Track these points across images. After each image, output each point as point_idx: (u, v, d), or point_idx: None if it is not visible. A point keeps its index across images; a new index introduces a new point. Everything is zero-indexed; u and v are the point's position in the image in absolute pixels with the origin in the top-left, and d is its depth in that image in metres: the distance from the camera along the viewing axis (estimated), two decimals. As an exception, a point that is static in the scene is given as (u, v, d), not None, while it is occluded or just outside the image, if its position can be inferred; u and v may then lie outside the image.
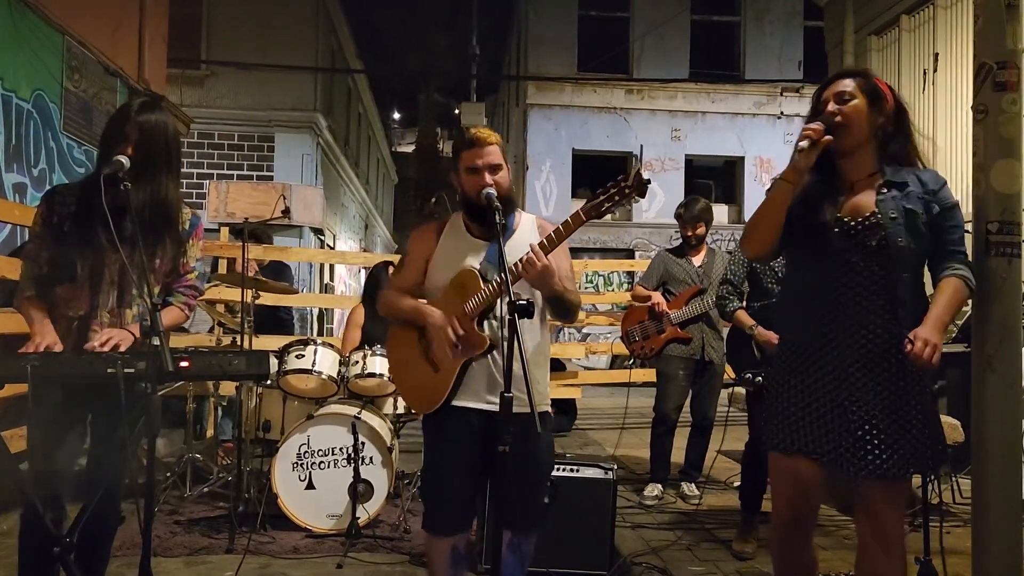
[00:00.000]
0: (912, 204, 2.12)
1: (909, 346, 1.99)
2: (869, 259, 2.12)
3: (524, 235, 2.46)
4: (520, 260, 2.23)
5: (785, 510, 2.26)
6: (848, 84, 2.17)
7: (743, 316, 3.74)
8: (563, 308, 2.42)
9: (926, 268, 2.22)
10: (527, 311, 2.07)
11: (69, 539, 2.13)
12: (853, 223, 2.14)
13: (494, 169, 2.37)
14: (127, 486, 2.53)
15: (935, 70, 6.69)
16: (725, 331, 4.42)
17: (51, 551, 2.08)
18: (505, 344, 2.12)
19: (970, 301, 2.39)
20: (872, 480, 2.08)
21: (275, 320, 6.22)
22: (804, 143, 2.08)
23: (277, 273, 6.02)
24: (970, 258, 2.24)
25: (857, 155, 2.17)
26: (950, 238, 2.15)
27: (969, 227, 2.46)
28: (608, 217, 2.31)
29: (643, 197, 2.30)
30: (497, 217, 2.25)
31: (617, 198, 2.22)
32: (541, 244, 2.26)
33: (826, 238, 2.14)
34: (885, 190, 2.14)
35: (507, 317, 2.06)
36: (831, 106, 2.15)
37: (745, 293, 3.87)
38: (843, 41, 7.93)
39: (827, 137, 2.10)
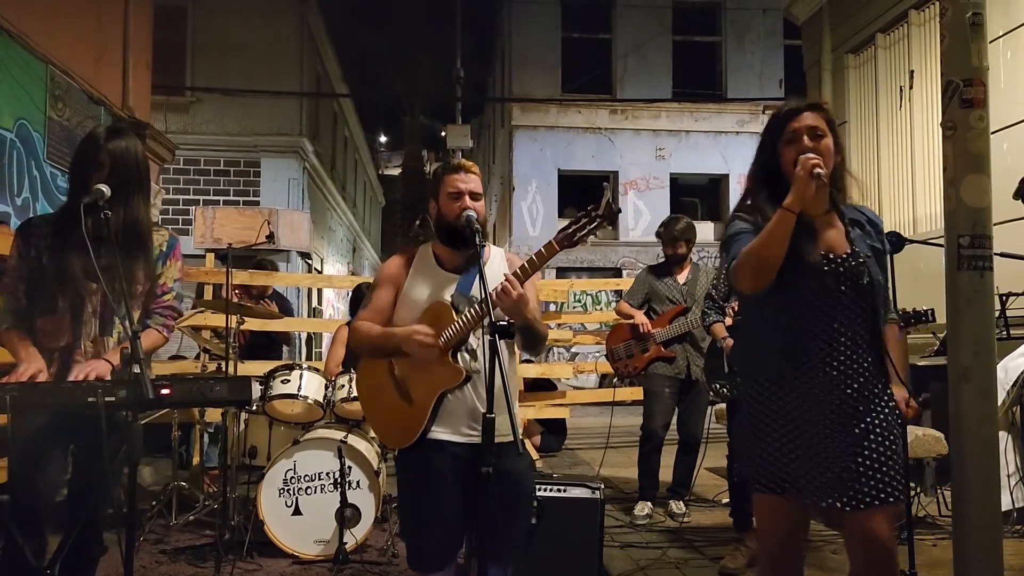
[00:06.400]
0: (874, 243, 2.19)
1: (908, 411, 2.22)
2: (856, 296, 2.12)
3: (494, 266, 2.47)
4: (495, 289, 2.23)
5: (773, 544, 2.25)
6: (816, 119, 2.16)
7: (718, 328, 3.85)
8: (532, 338, 2.40)
9: None
10: (507, 331, 2.09)
11: (50, 570, 2.12)
12: (839, 260, 2.13)
13: (475, 196, 2.41)
14: (110, 515, 2.51)
15: (911, 87, 6.80)
16: (710, 349, 4.46)
17: (32, 583, 2.06)
18: (485, 369, 2.13)
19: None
20: (860, 509, 2.06)
21: (271, 342, 6.30)
22: (820, 170, 2.03)
23: (281, 302, 6.15)
24: (943, 271, 2.30)
25: (819, 191, 2.14)
26: (886, 275, 2.24)
27: (943, 241, 2.51)
28: (595, 236, 2.33)
29: (613, 225, 2.33)
30: (477, 239, 2.27)
31: (588, 226, 2.25)
32: (515, 273, 2.27)
33: (814, 275, 2.12)
34: (851, 228, 2.16)
35: (487, 338, 2.07)
36: (807, 141, 2.12)
37: (727, 307, 3.93)
38: (821, 59, 8.06)
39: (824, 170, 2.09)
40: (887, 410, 2.10)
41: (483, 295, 2.17)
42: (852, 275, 2.12)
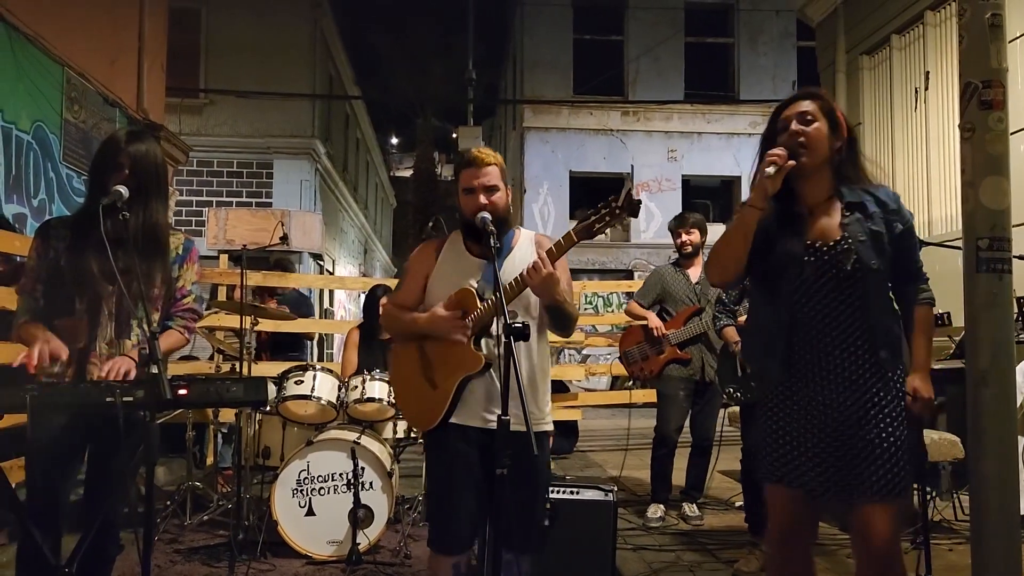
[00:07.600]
0: (876, 225, 2.13)
1: (913, 403, 2.07)
2: (843, 283, 2.12)
3: (523, 251, 2.50)
4: (526, 268, 2.28)
5: (780, 533, 2.26)
6: (809, 106, 2.18)
7: (729, 332, 3.82)
8: (562, 319, 2.44)
9: None
10: (523, 334, 2.08)
11: (68, 569, 2.13)
12: (825, 248, 2.14)
13: (490, 190, 2.40)
14: (126, 515, 2.52)
15: (926, 88, 6.75)
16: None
17: (50, 581, 2.08)
18: (502, 365, 2.13)
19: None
20: (864, 500, 2.07)
21: (295, 338, 6.35)
22: (771, 169, 2.08)
23: (297, 303, 6.16)
24: (959, 273, 2.26)
25: (815, 177, 2.18)
26: (913, 257, 2.17)
27: (960, 243, 2.49)
28: (606, 238, 2.34)
29: (635, 217, 2.32)
30: (492, 241, 2.28)
31: (608, 219, 2.26)
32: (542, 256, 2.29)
33: (798, 266, 2.14)
34: (848, 213, 2.15)
35: (503, 340, 2.07)
36: (794, 126, 2.16)
37: (739, 312, 3.89)
38: (835, 61, 8.01)
39: (791, 162, 2.10)
40: (890, 405, 2.08)
41: (498, 294, 2.17)
42: (835, 263, 2.11)
